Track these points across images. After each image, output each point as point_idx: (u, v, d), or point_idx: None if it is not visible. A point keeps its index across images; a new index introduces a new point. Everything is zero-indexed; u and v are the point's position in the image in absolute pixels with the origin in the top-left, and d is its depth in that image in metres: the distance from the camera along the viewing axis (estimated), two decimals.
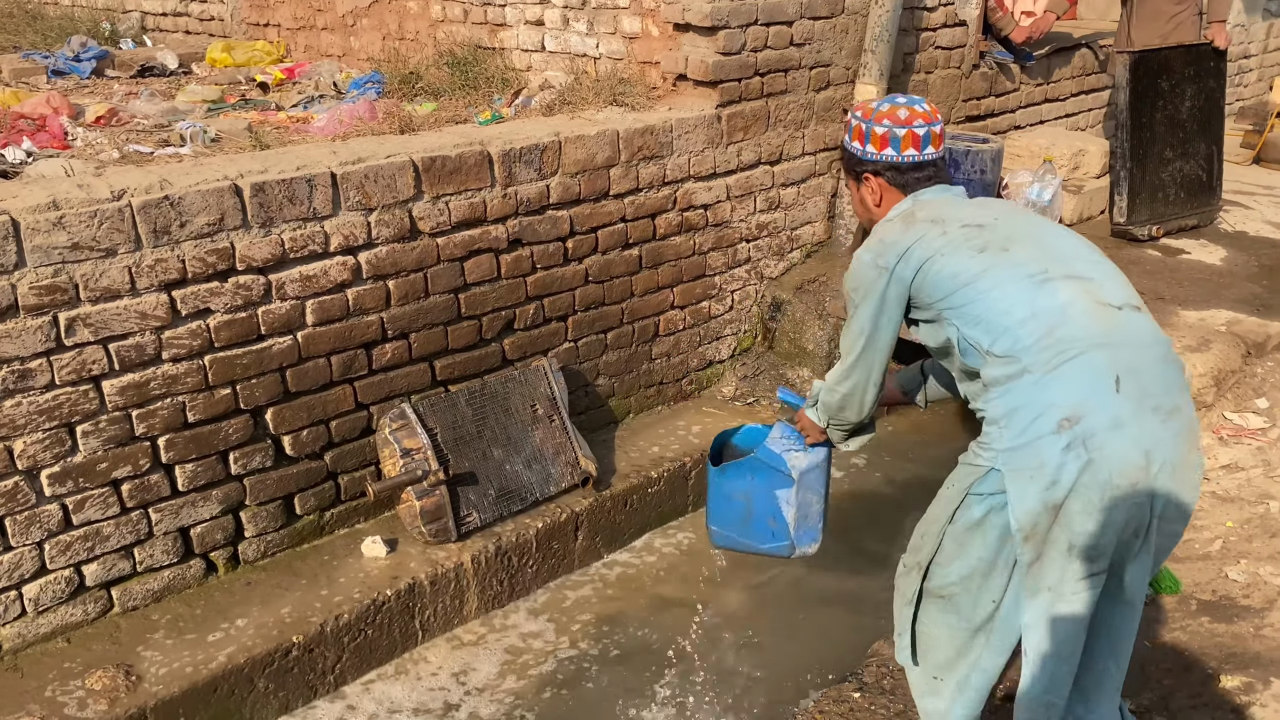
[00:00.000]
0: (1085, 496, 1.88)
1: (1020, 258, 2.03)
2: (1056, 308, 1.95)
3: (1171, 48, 5.65)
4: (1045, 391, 1.91)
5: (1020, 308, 1.96)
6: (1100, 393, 1.89)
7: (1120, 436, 1.87)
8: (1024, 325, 1.94)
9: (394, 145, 3.52)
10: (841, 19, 4.70)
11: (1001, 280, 1.99)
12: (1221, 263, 5.18)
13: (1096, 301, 1.96)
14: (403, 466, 3.46)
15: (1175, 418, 1.92)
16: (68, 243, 2.76)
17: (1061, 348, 1.91)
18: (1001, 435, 1.97)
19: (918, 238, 2.12)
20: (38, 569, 2.96)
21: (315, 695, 3.20)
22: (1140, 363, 1.92)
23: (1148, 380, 1.91)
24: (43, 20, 7.68)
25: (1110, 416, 1.87)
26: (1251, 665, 2.68)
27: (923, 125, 2.23)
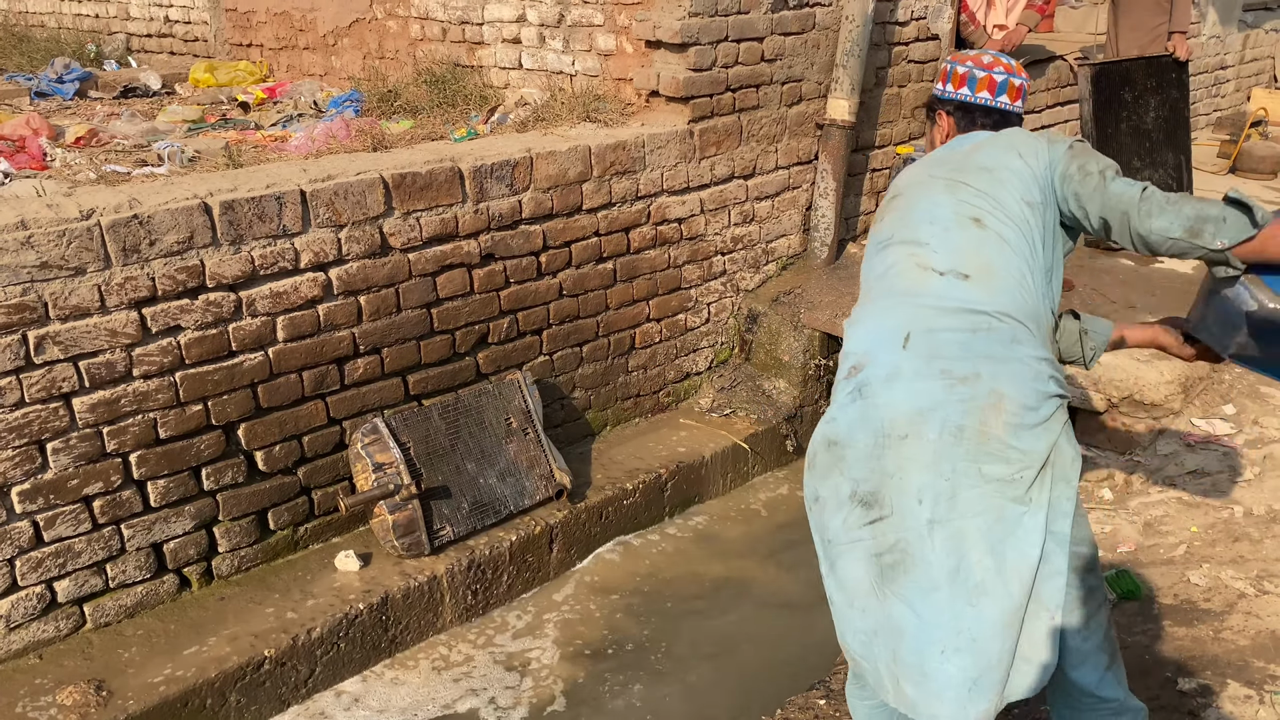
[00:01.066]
0: (858, 441, 1.96)
1: (882, 227, 2.22)
2: (882, 269, 2.13)
3: (1133, 59, 5.72)
4: (849, 341, 2.09)
5: (869, 271, 2.18)
6: (886, 346, 1.99)
7: (893, 389, 1.94)
8: (867, 282, 2.17)
9: (365, 162, 3.56)
10: (813, 34, 4.75)
11: (868, 247, 2.24)
12: (1193, 271, 5.22)
13: (918, 264, 2.07)
14: (375, 481, 3.49)
15: (968, 384, 1.91)
16: (36, 262, 2.79)
17: (873, 303, 2.10)
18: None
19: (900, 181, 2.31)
20: (9, 586, 2.98)
21: (287, 708, 3.21)
22: (940, 325, 1.97)
23: (942, 343, 1.95)
24: (29, 42, 7.74)
25: (889, 368, 1.96)
26: (1209, 668, 2.70)
27: (1002, 73, 2.28)
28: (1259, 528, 3.34)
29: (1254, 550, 3.22)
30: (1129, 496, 3.70)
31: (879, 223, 2.25)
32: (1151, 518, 3.53)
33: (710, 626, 3.66)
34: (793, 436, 4.75)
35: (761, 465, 4.66)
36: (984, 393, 1.91)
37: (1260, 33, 9.07)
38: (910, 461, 1.91)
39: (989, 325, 1.98)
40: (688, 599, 3.82)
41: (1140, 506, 3.62)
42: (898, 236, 2.14)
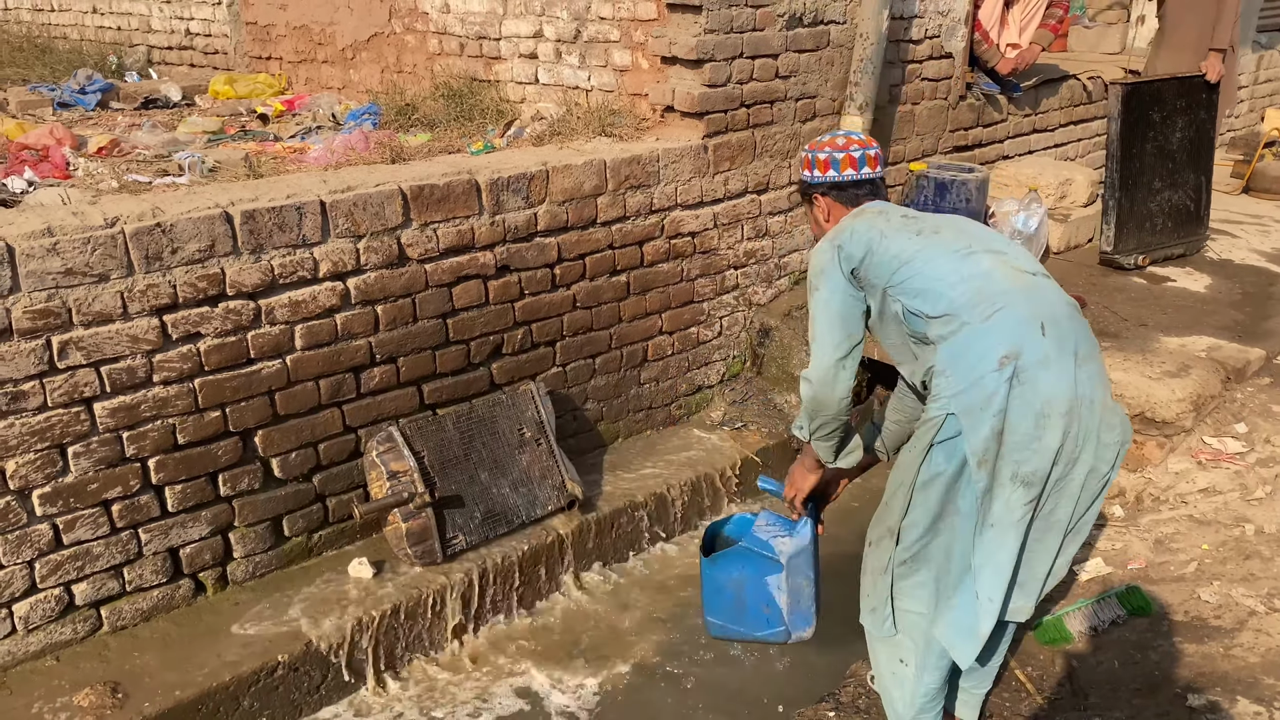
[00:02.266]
0: (1022, 425, 2.15)
1: (948, 238, 2.37)
2: (981, 273, 2.27)
3: (1165, 79, 5.73)
4: (984, 338, 2.19)
5: (951, 275, 2.27)
6: (1030, 335, 2.18)
7: (1048, 372, 2.15)
8: (955, 288, 2.25)
9: (383, 174, 3.60)
10: (827, 51, 4.80)
11: (934, 256, 2.31)
12: (1205, 290, 5.24)
13: (1013, 268, 2.30)
14: (389, 489, 3.52)
15: (1089, 363, 2.22)
16: (61, 268, 2.84)
17: (993, 302, 2.22)
18: (949, 383, 2.21)
19: (864, 224, 2.44)
20: (28, 588, 3.02)
21: (300, 714, 3.24)
22: (1057, 315, 2.23)
23: (1065, 330, 2.22)
24: (52, 54, 7.84)
25: (1040, 354, 2.16)
26: (1219, 684, 2.71)
27: (858, 149, 2.58)
28: (1270, 546, 3.34)
29: (1265, 568, 3.23)
30: (1140, 514, 3.71)
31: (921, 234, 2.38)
32: (1162, 535, 3.54)
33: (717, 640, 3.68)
34: None
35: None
36: (1098, 370, 2.25)
37: (1275, 53, 9.09)
38: (1069, 435, 2.16)
39: (1079, 315, 2.31)
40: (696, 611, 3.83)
41: (1151, 524, 3.63)
42: (977, 246, 2.34)
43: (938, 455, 2.25)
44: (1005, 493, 2.18)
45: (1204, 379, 4.13)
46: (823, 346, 2.42)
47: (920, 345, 2.33)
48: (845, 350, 2.40)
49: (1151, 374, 4.11)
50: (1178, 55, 6.12)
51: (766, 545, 2.87)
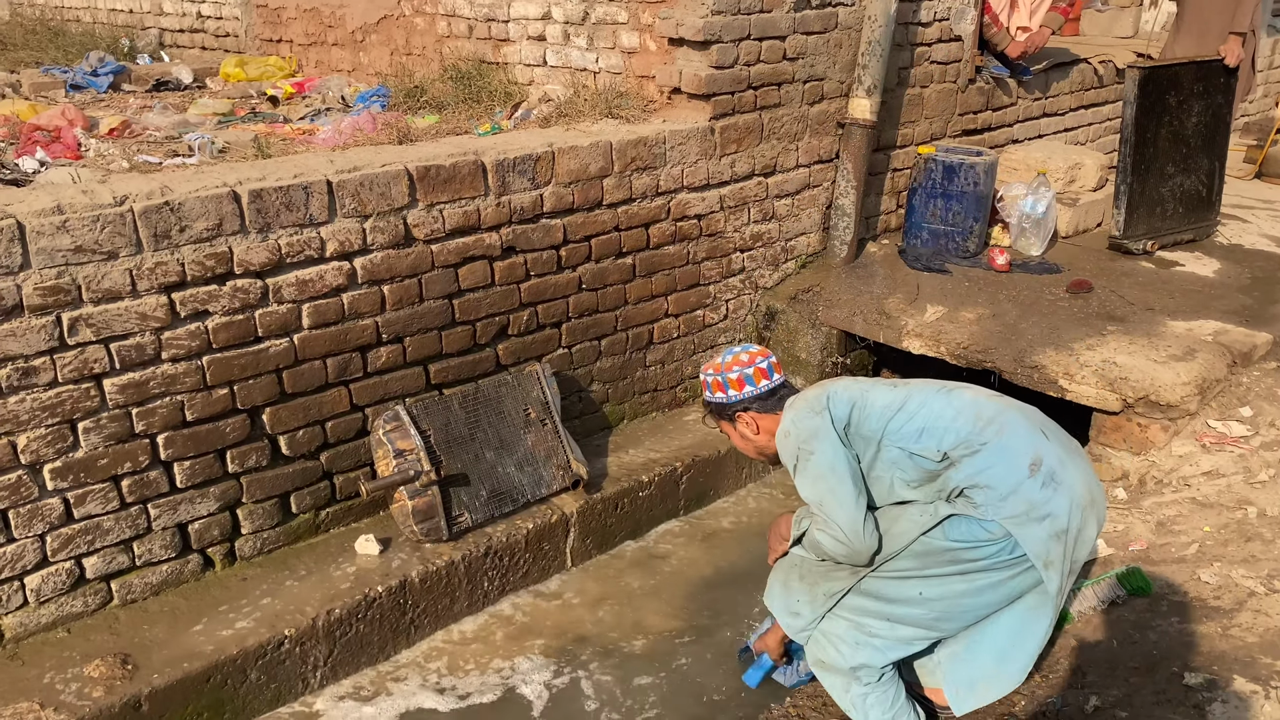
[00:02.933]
0: (1071, 522, 2.38)
1: (921, 384, 2.58)
2: (968, 402, 2.50)
3: (1183, 63, 5.68)
4: (1006, 452, 2.39)
5: (948, 410, 2.48)
6: (1040, 442, 2.43)
7: (1069, 471, 2.41)
8: (956, 420, 2.45)
9: (390, 155, 3.63)
10: (835, 34, 4.79)
11: (923, 400, 2.51)
12: (1214, 275, 5.22)
13: (986, 395, 2.54)
14: (396, 467, 3.56)
15: (1081, 455, 2.52)
16: (71, 245, 2.87)
17: (994, 421, 2.44)
18: (985, 493, 2.38)
19: (835, 388, 2.60)
20: (39, 561, 3.07)
21: (306, 687, 3.28)
22: (1045, 422, 2.52)
23: (1052, 430, 2.50)
24: (65, 36, 7.88)
25: (1056, 457, 2.41)
26: (1216, 663, 2.72)
27: (763, 360, 2.73)
28: (1272, 528, 3.34)
29: (1266, 550, 3.23)
30: (1142, 496, 3.71)
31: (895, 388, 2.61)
32: (1165, 517, 3.54)
33: (720, 618, 3.70)
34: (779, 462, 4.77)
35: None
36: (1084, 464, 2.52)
37: None
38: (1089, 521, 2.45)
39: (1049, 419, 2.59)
40: (699, 591, 3.87)
41: (1154, 506, 3.63)
42: (949, 386, 2.58)
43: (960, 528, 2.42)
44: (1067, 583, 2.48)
45: (1210, 363, 4.12)
46: (845, 507, 2.49)
47: (928, 483, 2.48)
48: (864, 506, 2.52)
49: (1157, 357, 4.10)
50: (1196, 39, 6.08)
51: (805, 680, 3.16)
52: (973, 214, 5.19)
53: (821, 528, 2.52)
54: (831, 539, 2.50)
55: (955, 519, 2.42)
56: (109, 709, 2.87)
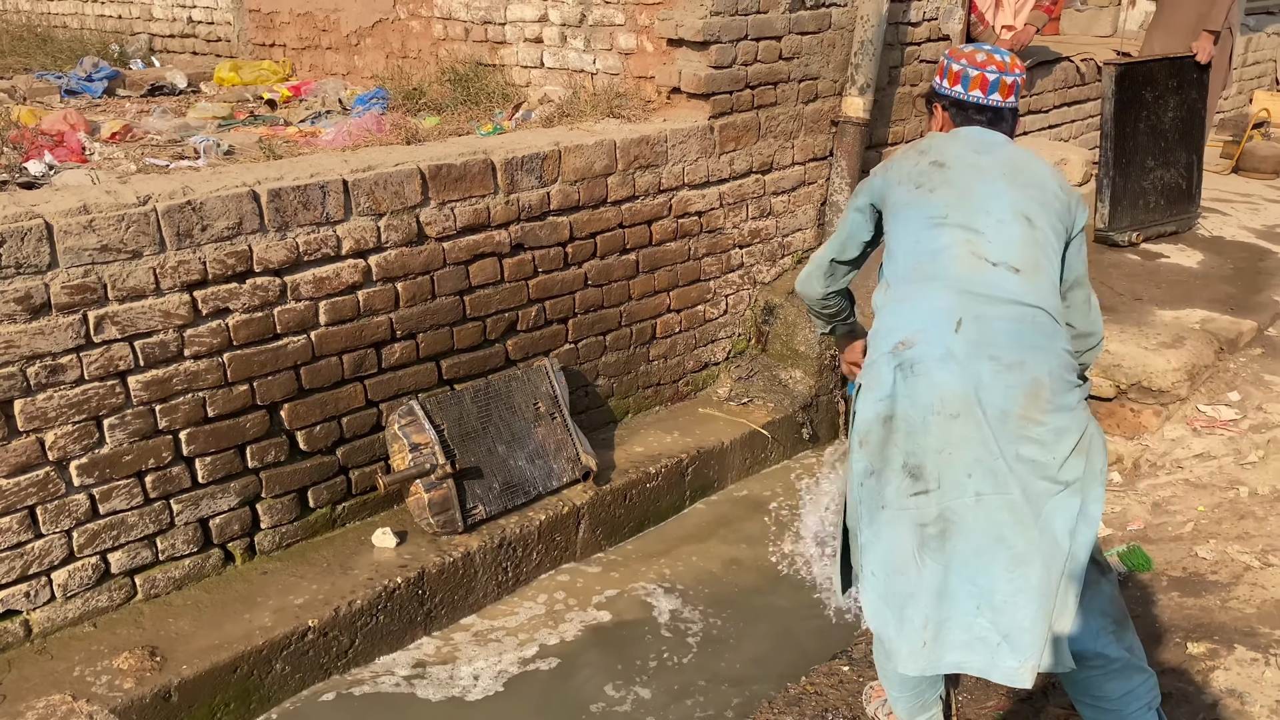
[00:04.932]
0: (910, 415, 2.06)
1: (935, 200, 2.25)
2: (934, 249, 2.19)
3: (1157, 59, 5.85)
4: (894, 317, 2.16)
5: (907, 243, 2.23)
6: (939, 327, 2.09)
7: (947, 368, 2.04)
8: (905, 257, 2.22)
9: (401, 154, 3.69)
10: (829, 34, 4.89)
11: (910, 217, 2.26)
12: (1198, 266, 5.36)
13: (972, 252, 2.17)
14: (411, 460, 3.62)
15: (1013, 372, 2.05)
16: (97, 245, 2.92)
17: (918, 284, 2.17)
18: (868, 353, 2.23)
19: (903, 163, 2.37)
20: (66, 556, 3.11)
21: (329, 676, 3.34)
22: (991, 314, 2.10)
23: (993, 331, 2.08)
24: (53, 42, 7.89)
25: (943, 349, 2.06)
26: (1217, 634, 2.83)
27: (994, 71, 2.37)
28: (1264, 506, 3.47)
29: (1259, 527, 3.35)
30: (1138, 479, 3.83)
31: (920, 188, 2.28)
32: (1160, 498, 3.66)
33: (732, 604, 3.79)
34: (809, 424, 4.88)
35: (779, 452, 4.79)
36: (1027, 380, 2.05)
37: (1262, 35, 9.22)
38: (960, 439, 2.03)
39: (1034, 318, 2.13)
40: (709, 579, 3.95)
41: (1149, 488, 3.75)
42: (953, 219, 2.21)
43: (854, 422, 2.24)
44: (896, 479, 2.11)
45: (1198, 350, 4.25)
46: (823, 248, 2.59)
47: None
48: (836, 255, 2.52)
49: (1148, 345, 4.23)
50: (1172, 37, 6.24)
51: None
52: None
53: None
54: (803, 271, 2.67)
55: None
56: (140, 699, 2.92)
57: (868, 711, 2.79)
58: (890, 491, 2.12)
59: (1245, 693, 2.60)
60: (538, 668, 3.46)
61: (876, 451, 2.12)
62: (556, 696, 3.35)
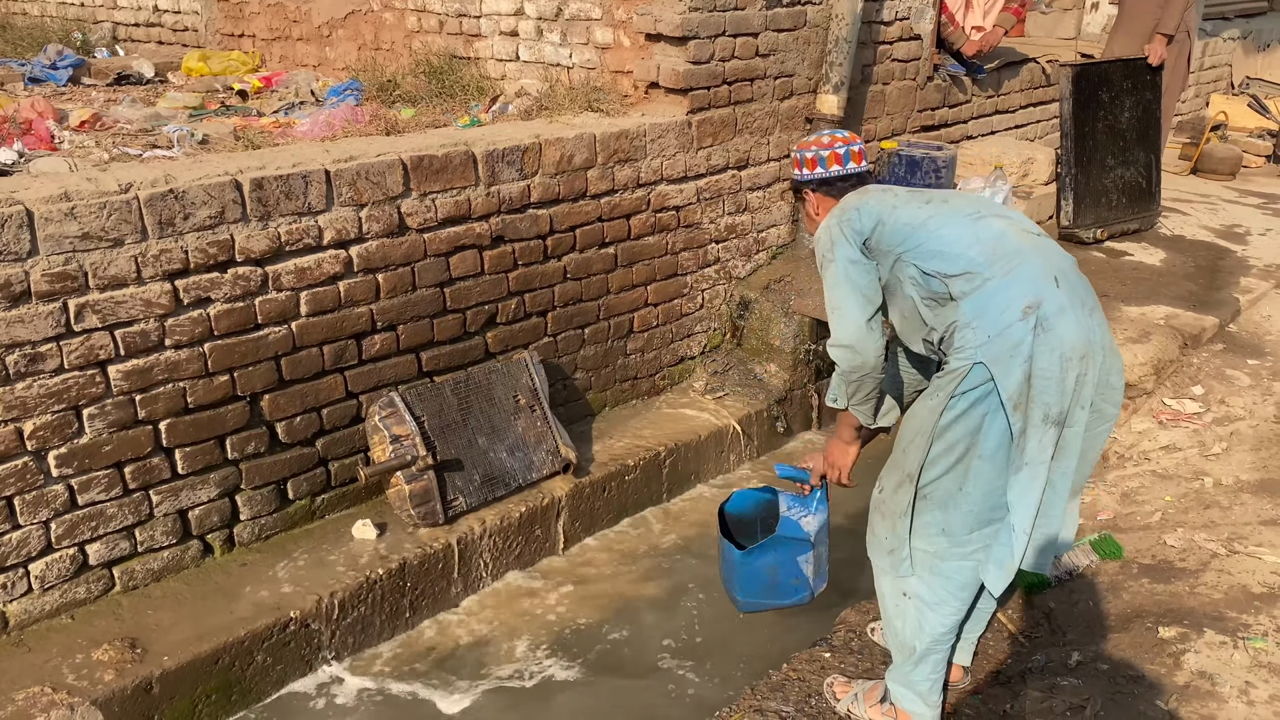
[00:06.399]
0: (1049, 368, 2.29)
1: (957, 204, 2.54)
2: (994, 234, 2.43)
3: (1111, 61, 5.99)
4: (1007, 290, 2.34)
5: (967, 236, 2.43)
6: (1047, 286, 2.34)
7: (1066, 319, 2.31)
8: (972, 249, 2.41)
9: (383, 145, 3.68)
10: (804, 31, 4.94)
11: (947, 221, 2.47)
12: (1161, 263, 5.49)
13: (1021, 229, 2.48)
14: (392, 452, 3.62)
15: (1096, 313, 2.41)
16: (78, 232, 2.89)
17: (1009, 258, 2.38)
18: (975, 334, 2.35)
19: (869, 199, 2.58)
20: (44, 547, 3.08)
21: (310, 668, 3.33)
22: (1065, 269, 2.41)
23: (1074, 282, 2.40)
24: (11, 29, 7.74)
25: (1057, 304, 2.32)
26: (1186, 618, 2.91)
27: (842, 146, 2.73)
28: (1228, 496, 3.57)
29: (1224, 516, 3.45)
30: (1106, 470, 3.92)
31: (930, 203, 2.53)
32: (1128, 489, 3.75)
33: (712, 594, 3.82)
34: (783, 418, 4.94)
35: (754, 446, 4.83)
36: (1102, 318, 2.43)
37: (1219, 40, 9.43)
38: (1083, 378, 2.32)
39: (1079, 271, 2.48)
40: (688, 567, 3.99)
41: (1117, 479, 3.84)
42: (985, 211, 2.50)
43: (960, 403, 2.39)
44: (1038, 433, 2.33)
45: (1163, 345, 4.36)
46: (848, 313, 2.53)
47: (937, 306, 2.45)
48: (870, 312, 2.53)
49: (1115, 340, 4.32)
50: (1132, 40, 6.38)
51: (795, 528, 3.04)
52: None
53: (831, 342, 2.58)
54: (838, 348, 2.56)
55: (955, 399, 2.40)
56: (120, 691, 2.90)
57: (838, 710, 2.85)
58: (1032, 447, 2.34)
59: (1215, 674, 2.68)
60: (520, 660, 3.48)
61: (1023, 412, 2.33)
62: (538, 688, 3.37)
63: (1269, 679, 2.65)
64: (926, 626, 2.59)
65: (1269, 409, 4.13)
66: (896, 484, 2.59)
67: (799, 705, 2.84)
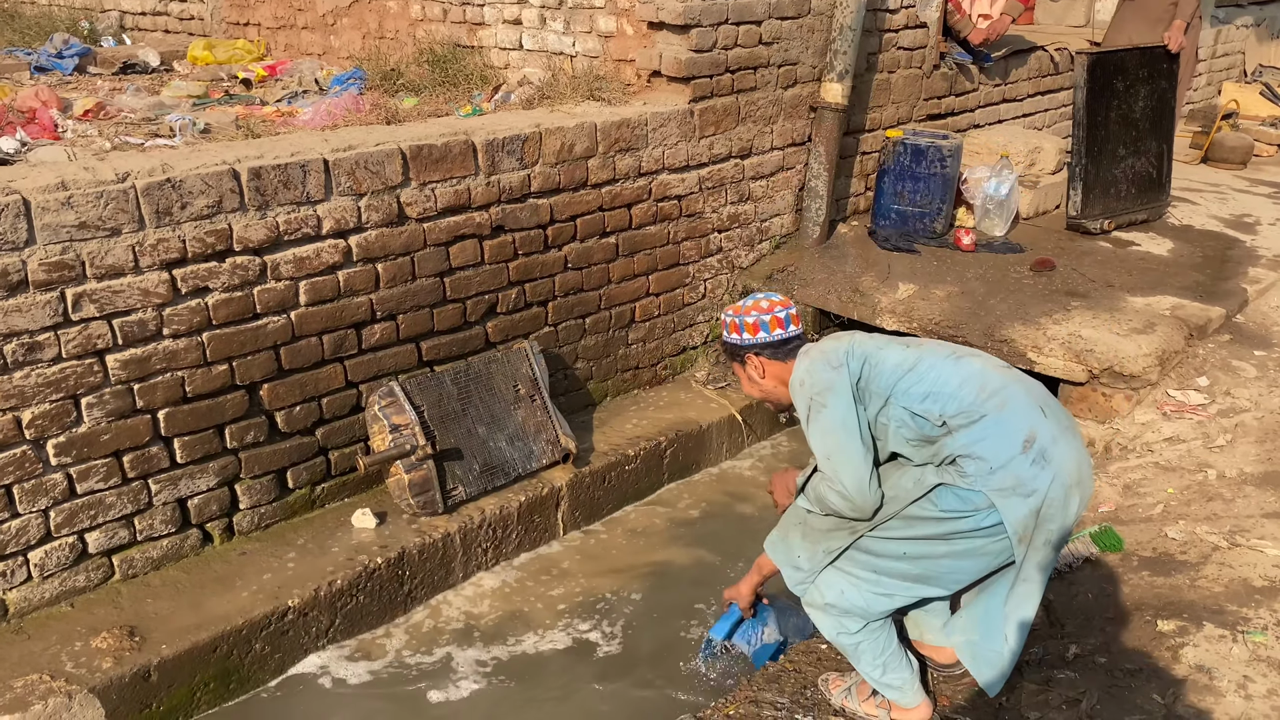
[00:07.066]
0: (1053, 498, 2.39)
1: (932, 347, 2.62)
2: (976, 372, 2.51)
3: (1128, 49, 5.92)
4: (1005, 425, 2.42)
5: (954, 378, 2.49)
6: (1038, 419, 2.44)
7: (1060, 448, 2.41)
8: (961, 389, 2.47)
9: (382, 134, 3.68)
10: (808, 19, 4.91)
11: (933, 364, 2.53)
12: (1168, 254, 5.44)
13: (995, 365, 2.57)
14: (392, 441, 3.62)
15: (1075, 433, 2.51)
16: (75, 221, 2.89)
17: (997, 394, 2.45)
18: (978, 465, 2.40)
19: (853, 344, 2.58)
20: (43, 536, 3.09)
21: (309, 657, 3.34)
22: (1045, 398, 2.51)
23: (1055, 409, 2.51)
24: (20, 19, 7.76)
25: (1050, 434, 2.42)
26: (1185, 611, 2.89)
27: (782, 310, 2.70)
28: (1231, 488, 3.54)
29: (1227, 508, 3.42)
30: (1109, 461, 3.90)
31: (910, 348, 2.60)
32: (1130, 480, 3.73)
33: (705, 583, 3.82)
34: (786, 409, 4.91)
35: (755, 436, 4.82)
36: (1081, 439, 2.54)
37: (1231, 28, 9.33)
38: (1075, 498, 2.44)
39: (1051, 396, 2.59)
40: (684, 559, 3.98)
41: (1119, 470, 3.81)
42: (958, 351, 2.60)
43: (947, 498, 2.45)
44: (1038, 555, 2.46)
45: (1168, 336, 4.32)
46: (853, 465, 2.53)
47: (926, 445, 2.50)
48: (869, 466, 2.55)
49: (1119, 331, 4.29)
50: (1139, 27, 6.31)
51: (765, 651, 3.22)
52: (940, 196, 5.35)
53: (828, 484, 2.60)
54: (837, 495, 2.59)
55: (942, 489, 2.49)
56: (119, 679, 2.91)
57: (833, 703, 2.84)
58: (1030, 568, 2.48)
59: (1214, 668, 2.66)
60: (519, 646, 3.48)
61: (1027, 542, 2.44)
62: (537, 674, 3.37)
63: (1267, 673, 2.64)
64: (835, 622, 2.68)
65: (1275, 400, 4.09)
66: (834, 526, 2.64)
67: (794, 697, 2.84)
